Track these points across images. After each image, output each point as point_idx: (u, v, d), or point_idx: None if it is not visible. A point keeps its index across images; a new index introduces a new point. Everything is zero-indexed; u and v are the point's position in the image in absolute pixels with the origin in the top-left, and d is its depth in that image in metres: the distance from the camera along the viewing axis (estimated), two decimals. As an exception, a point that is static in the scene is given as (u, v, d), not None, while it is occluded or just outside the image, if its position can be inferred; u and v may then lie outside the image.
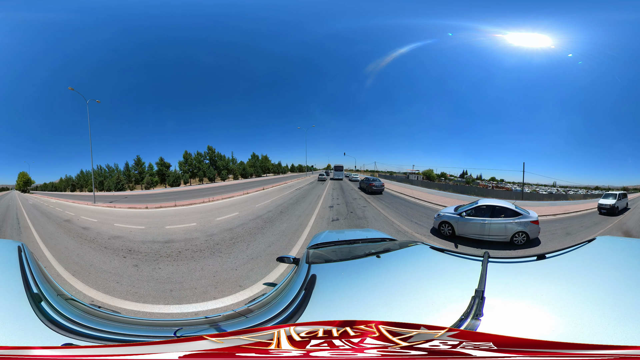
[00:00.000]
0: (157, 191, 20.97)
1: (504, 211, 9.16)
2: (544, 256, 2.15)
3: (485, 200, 9.85)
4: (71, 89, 16.71)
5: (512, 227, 8.88)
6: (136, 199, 17.86)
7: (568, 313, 1.42)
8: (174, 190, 21.28)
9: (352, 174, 27.72)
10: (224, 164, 24.83)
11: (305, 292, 1.93)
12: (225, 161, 24.98)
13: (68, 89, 16.66)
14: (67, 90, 17.98)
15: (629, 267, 1.96)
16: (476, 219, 9.25)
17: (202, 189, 21.31)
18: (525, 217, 8.97)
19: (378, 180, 20.87)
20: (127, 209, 14.59)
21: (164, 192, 20.84)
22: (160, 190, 21.29)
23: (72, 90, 16.72)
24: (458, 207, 10.39)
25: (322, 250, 2.93)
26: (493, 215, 9.13)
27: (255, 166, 27.31)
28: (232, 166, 25.52)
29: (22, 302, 1.64)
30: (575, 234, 10.72)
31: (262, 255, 7.97)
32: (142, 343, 1.41)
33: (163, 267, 7.40)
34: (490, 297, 1.59)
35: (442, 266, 2.33)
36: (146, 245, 9.01)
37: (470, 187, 21.35)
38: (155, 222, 11.91)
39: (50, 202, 16.50)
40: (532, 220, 8.95)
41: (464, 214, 9.48)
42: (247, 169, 26.50)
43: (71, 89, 16.71)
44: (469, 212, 9.44)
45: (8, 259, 2.23)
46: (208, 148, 24.16)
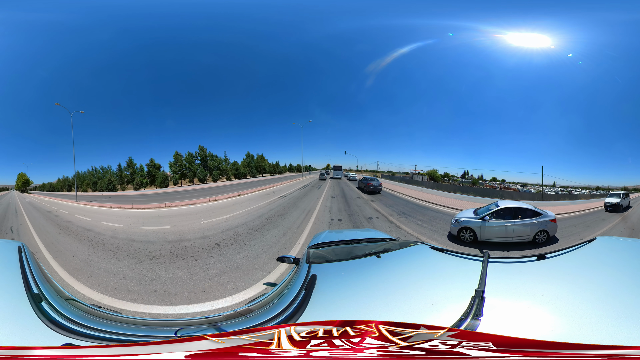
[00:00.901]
0: (140, 192, 20.93)
1: (524, 212, 9.37)
2: (544, 256, 2.15)
3: (505, 202, 9.76)
4: (57, 104, 17.22)
5: (534, 227, 9.14)
6: (117, 199, 18.32)
7: (568, 313, 1.43)
8: (158, 192, 20.98)
9: (351, 174, 27.77)
10: (215, 164, 24.24)
11: (305, 292, 1.93)
12: (217, 161, 24.38)
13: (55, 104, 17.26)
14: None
15: (629, 267, 1.97)
16: (500, 222, 9.16)
17: (183, 191, 20.89)
18: (545, 216, 9.31)
19: (376, 180, 20.89)
20: (96, 206, 16.54)
21: (144, 193, 20.70)
22: (147, 191, 21.24)
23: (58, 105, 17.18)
24: (476, 210, 10.07)
25: (322, 250, 2.93)
26: (514, 217, 9.28)
27: (250, 166, 26.58)
28: (225, 166, 24.89)
29: (23, 302, 1.64)
30: (594, 226, 11.94)
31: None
32: (143, 343, 1.41)
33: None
34: (490, 297, 1.59)
35: (442, 266, 2.33)
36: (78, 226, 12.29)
37: (483, 188, 20.91)
38: (98, 218, 13.79)
39: (43, 200, 18.59)
40: (550, 219, 9.32)
41: (487, 218, 9.24)
42: (241, 169, 25.83)
43: (57, 104, 17.22)
44: (492, 216, 9.29)
45: (8, 259, 2.23)
46: (199, 148, 23.66)
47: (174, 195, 19.53)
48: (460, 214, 10.14)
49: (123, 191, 20.95)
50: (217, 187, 22.02)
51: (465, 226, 9.42)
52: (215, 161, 24.35)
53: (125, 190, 21.02)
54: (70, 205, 17.15)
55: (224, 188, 20.92)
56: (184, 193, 20.04)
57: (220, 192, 18.91)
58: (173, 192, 21.18)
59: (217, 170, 24.30)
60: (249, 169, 26.50)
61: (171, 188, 22.13)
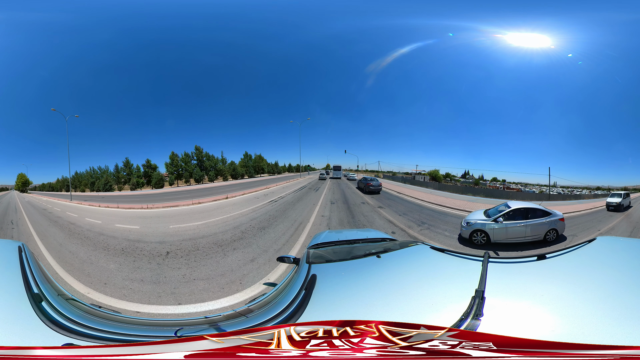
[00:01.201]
0: (135, 193, 21.05)
1: (534, 212, 9.53)
2: (544, 256, 2.15)
3: (515, 203, 9.81)
4: (53, 110, 17.37)
5: (545, 226, 9.36)
6: (109, 199, 18.72)
7: (568, 313, 1.42)
8: (151, 193, 21.08)
9: (350, 173, 27.76)
10: (212, 164, 23.81)
11: (305, 292, 1.93)
12: (213, 161, 23.93)
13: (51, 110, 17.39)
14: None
15: (629, 267, 1.96)
16: (513, 222, 9.24)
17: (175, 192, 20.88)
18: (554, 215, 9.58)
19: (375, 180, 20.59)
20: (87, 205, 17.86)
21: (138, 194, 20.92)
22: (143, 192, 21.35)
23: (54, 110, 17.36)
24: (486, 212, 10.04)
25: (322, 250, 2.93)
26: (525, 218, 9.40)
27: (247, 166, 25.97)
28: (221, 167, 24.42)
29: (23, 302, 1.64)
30: (605, 220, 13.01)
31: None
32: (143, 343, 1.41)
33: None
34: (490, 297, 1.59)
35: (442, 266, 2.33)
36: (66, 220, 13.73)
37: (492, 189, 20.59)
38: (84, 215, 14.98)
39: (41, 200, 19.67)
40: (559, 218, 9.62)
41: (500, 219, 9.25)
42: (238, 170, 25.32)
43: (53, 110, 17.37)
44: (504, 217, 9.32)
45: (8, 259, 2.23)
46: (196, 148, 23.24)
47: (166, 195, 19.57)
48: (470, 216, 10.03)
49: (120, 191, 21.08)
50: (211, 188, 21.69)
51: (478, 229, 9.32)
52: (212, 161, 24.02)
53: (122, 191, 21.16)
54: (64, 204, 18.15)
55: (217, 189, 20.22)
56: (176, 194, 20.00)
57: (211, 193, 18.26)
58: (166, 192, 21.19)
59: (213, 171, 23.97)
60: (247, 169, 26.02)
61: (166, 188, 22.14)
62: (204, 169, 23.61)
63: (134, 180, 21.52)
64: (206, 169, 23.65)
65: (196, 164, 23.31)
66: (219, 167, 24.21)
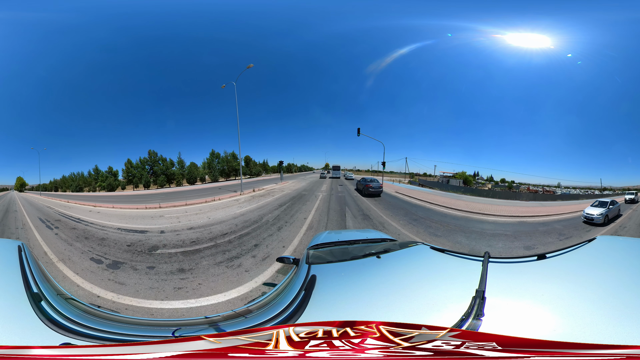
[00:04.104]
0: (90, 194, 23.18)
1: (613, 203, 13.76)
2: (544, 256, 2.15)
3: (606, 198, 13.90)
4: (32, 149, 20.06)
5: (617, 209, 14.05)
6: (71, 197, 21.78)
7: (569, 313, 1.42)
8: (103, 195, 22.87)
9: (348, 173, 27.65)
10: (162, 169, 22.84)
11: (305, 292, 1.93)
12: (165, 165, 22.92)
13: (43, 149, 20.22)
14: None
15: (629, 267, 1.96)
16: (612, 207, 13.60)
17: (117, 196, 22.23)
18: (618, 203, 14.25)
19: (376, 181, 19.33)
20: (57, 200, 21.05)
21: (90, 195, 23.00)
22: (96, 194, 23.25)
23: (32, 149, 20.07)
24: (594, 205, 13.56)
25: (322, 251, 2.92)
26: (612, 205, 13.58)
27: (212, 168, 23.62)
28: (174, 170, 23.14)
29: (22, 302, 1.64)
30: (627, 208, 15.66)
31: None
32: (140, 343, 1.40)
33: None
34: (491, 297, 1.58)
35: (442, 266, 2.33)
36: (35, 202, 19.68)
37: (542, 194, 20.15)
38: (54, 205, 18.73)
39: (34, 197, 22.85)
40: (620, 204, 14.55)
41: (611, 207, 13.34)
42: (197, 173, 23.46)
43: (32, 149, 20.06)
44: (609, 206, 13.35)
45: (8, 258, 2.23)
46: (149, 153, 22.83)
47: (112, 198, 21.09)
48: (588, 210, 13.44)
49: (88, 192, 23.64)
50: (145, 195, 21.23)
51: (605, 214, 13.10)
52: (164, 165, 23.01)
53: (89, 192, 23.62)
54: (42, 197, 22.59)
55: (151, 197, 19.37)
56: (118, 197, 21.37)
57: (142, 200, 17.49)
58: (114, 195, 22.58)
59: (163, 176, 22.92)
60: (211, 172, 23.65)
61: (118, 192, 23.42)
62: (154, 173, 23.16)
63: (99, 184, 23.61)
64: (156, 174, 23.09)
65: (149, 169, 23.02)
66: (170, 171, 23.29)
